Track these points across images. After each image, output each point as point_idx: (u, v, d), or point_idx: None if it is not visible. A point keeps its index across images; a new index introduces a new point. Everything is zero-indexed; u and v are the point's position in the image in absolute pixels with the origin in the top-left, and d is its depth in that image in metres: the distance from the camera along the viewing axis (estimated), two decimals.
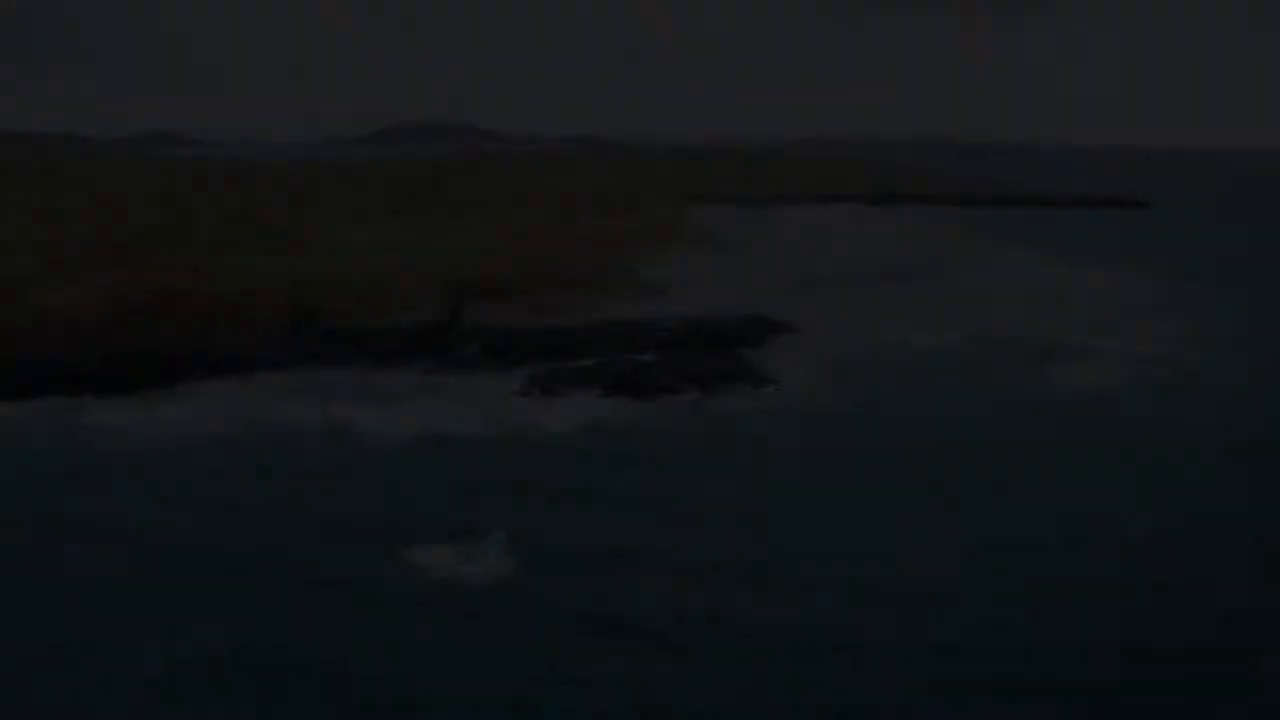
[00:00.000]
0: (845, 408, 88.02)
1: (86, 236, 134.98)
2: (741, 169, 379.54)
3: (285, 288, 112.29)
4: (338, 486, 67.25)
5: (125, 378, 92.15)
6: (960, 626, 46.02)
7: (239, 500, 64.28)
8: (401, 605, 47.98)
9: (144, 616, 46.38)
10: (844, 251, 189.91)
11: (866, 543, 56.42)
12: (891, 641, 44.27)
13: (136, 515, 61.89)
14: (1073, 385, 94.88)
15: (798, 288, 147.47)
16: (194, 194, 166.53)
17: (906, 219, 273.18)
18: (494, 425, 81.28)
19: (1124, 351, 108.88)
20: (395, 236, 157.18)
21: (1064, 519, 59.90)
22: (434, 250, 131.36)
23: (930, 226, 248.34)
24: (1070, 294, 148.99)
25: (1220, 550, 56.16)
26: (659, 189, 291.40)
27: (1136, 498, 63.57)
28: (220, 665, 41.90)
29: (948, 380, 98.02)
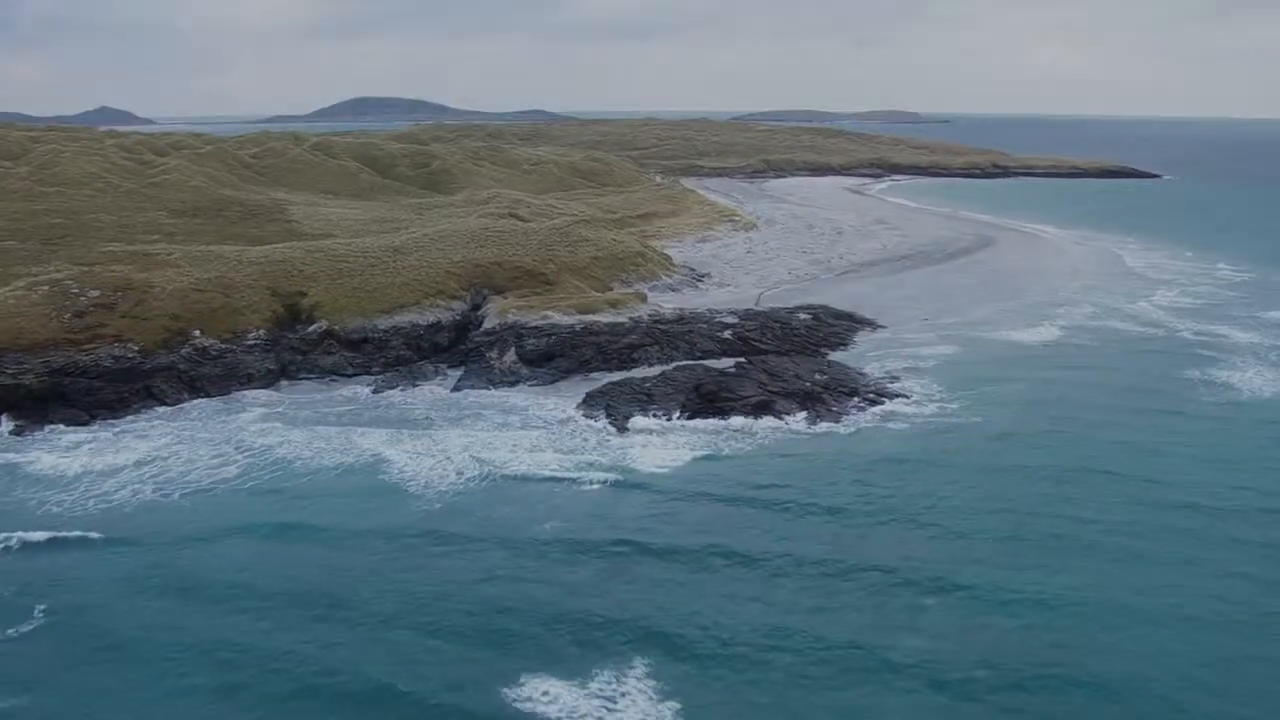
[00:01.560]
0: (1004, 425, 71.71)
1: (16, 220, 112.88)
2: (719, 141, 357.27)
3: (265, 282, 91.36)
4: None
5: (73, 402, 72.45)
6: None
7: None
8: None
9: None
10: (871, 227, 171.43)
11: None
12: None
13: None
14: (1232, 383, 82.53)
15: (843, 270, 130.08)
16: (143, 168, 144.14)
17: (912, 190, 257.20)
18: (576, 478, 62.78)
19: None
20: (381, 215, 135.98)
21: None
22: (433, 232, 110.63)
23: (941, 198, 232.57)
24: (1152, 273, 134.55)
25: None
26: (640, 162, 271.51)
27: None
28: None
29: (1091, 379, 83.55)
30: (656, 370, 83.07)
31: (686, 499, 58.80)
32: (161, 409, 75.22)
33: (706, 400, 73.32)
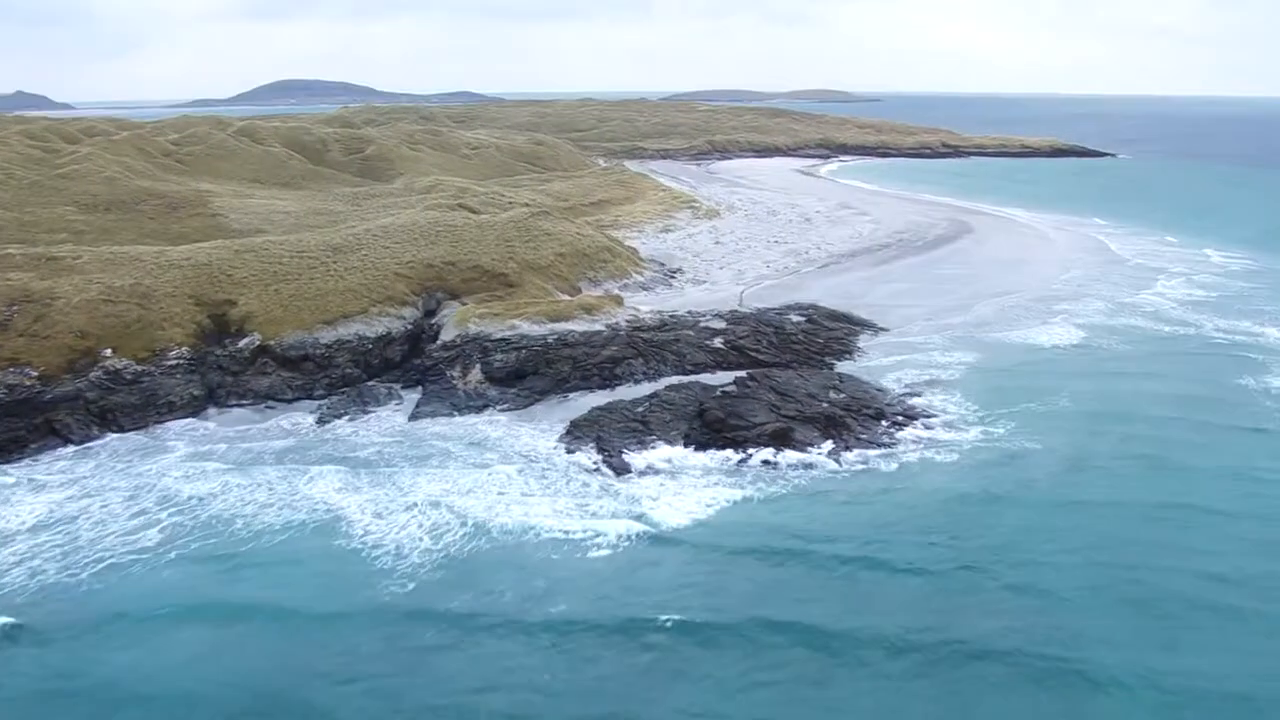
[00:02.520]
0: (1068, 450, 62.60)
1: None
2: (661, 122, 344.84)
3: (188, 289, 79.40)
4: None
5: None
6: None
7: None
8: None
9: None
10: (838, 212, 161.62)
11: None
12: None
13: None
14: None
15: (824, 262, 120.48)
16: (50, 157, 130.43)
17: (864, 171, 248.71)
18: (581, 538, 52.13)
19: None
20: (316, 207, 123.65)
21: None
22: (376, 227, 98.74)
23: (898, 180, 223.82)
24: (1144, 261, 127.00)
25: None
26: (581, 145, 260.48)
27: None
28: None
29: (1141, 390, 75.01)
30: (645, 388, 72.41)
31: (723, 561, 48.58)
32: (66, 449, 63.37)
33: (713, 429, 62.64)
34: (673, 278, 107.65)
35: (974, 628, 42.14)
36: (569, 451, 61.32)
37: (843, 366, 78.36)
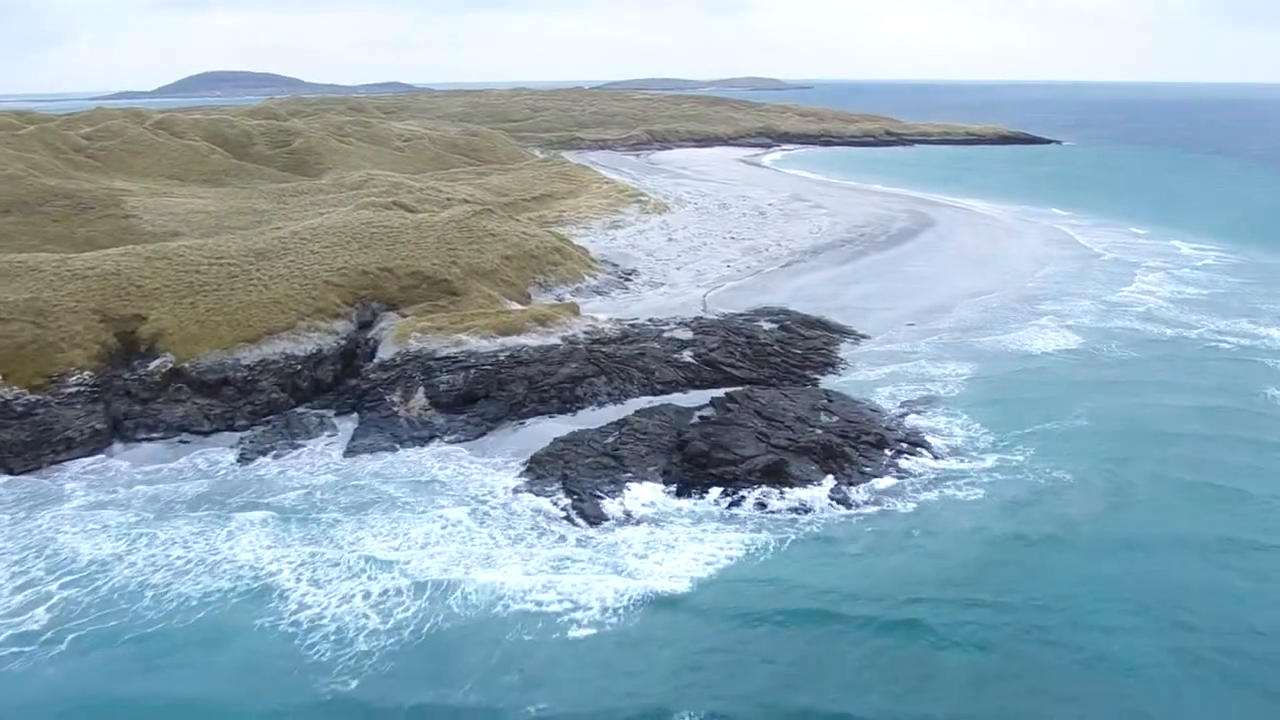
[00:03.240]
0: (1104, 481, 55.56)
1: None
2: (598, 111, 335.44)
3: (92, 304, 70.34)
4: None
5: None
6: None
7: None
8: None
9: None
10: (792, 205, 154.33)
11: None
12: None
13: None
14: None
15: (786, 260, 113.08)
16: None
17: (809, 160, 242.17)
18: (559, 609, 44.07)
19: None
20: (239, 205, 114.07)
21: None
22: (304, 229, 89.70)
23: (847, 170, 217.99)
24: (1118, 255, 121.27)
25: None
26: (517, 135, 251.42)
27: None
28: None
29: (1162, 404, 68.29)
30: (611, 412, 64.40)
31: (735, 635, 40.98)
32: None
33: (697, 465, 54.62)
34: (628, 280, 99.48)
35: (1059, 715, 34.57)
36: (533, 494, 53.03)
37: (828, 382, 70.72)
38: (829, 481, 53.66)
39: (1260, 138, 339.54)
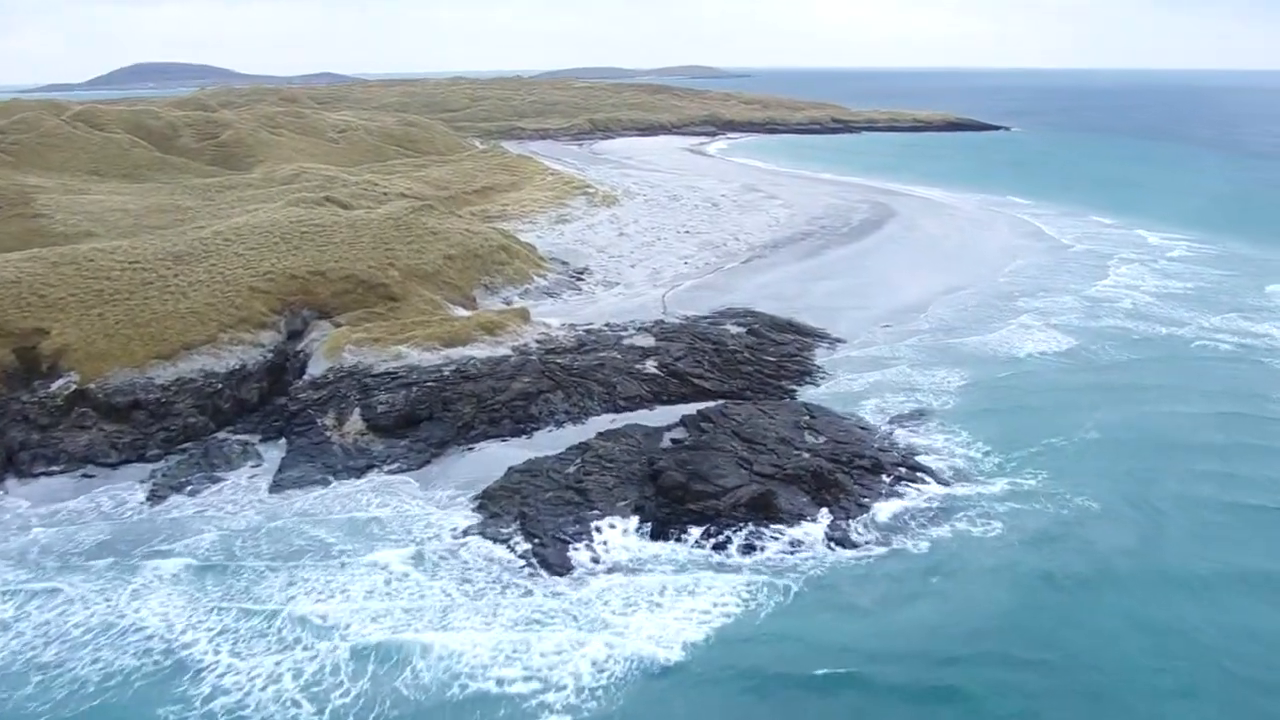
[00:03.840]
0: (1140, 511, 49.31)
1: None
2: (538, 100, 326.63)
3: None
4: None
5: None
6: None
7: None
8: None
9: None
10: (745, 196, 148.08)
11: None
12: None
13: None
14: None
15: (747, 256, 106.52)
16: None
17: (757, 149, 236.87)
18: (526, 688, 37.42)
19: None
20: (160, 203, 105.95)
21: None
22: (229, 229, 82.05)
23: (797, 158, 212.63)
24: (1089, 246, 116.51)
25: None
26: (455, 125, 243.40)
27: None
28: None
29: (1180, 413, 62.14)
30: (571, 434, 57.62)
31: (740, 712, 33.44)
32: None
33: (673, 498, 47.91)
34: (580, 280, 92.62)
35: None
36: (487, 537, 46.14)
37: (807, 394, 64.39)
38: (824, 516, 47.21)
39: (1203, 123, 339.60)
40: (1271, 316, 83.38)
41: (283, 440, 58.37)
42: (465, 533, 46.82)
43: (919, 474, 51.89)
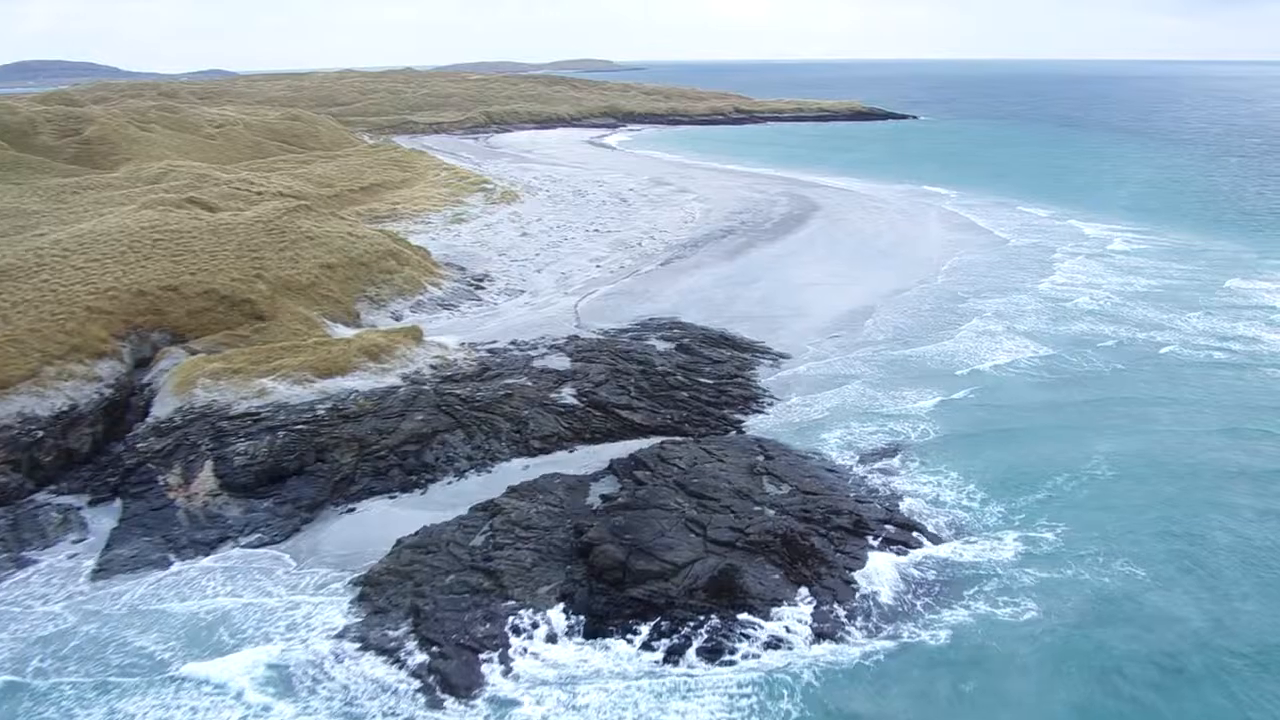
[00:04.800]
0: (1163, 566, 39.27)
1: None
2: (430, 93, 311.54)
3: None
4: None
5: None
6: None
7: None
8: None
9: None
10: (655, 190, 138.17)
11: None
12: None
13: None
14: None
15: (665, 257, 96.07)
16: None
17: (660, 140, 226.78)
18: None
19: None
20: (2, 206, 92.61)
21: None
22: (71, 237, 69.71)
23: (703, 150, 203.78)
24: (1029, 239, 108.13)
25: None
26: (344, 120, 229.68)
27: None
28: None
29: (1200, 444, 51.65)
30: (474, 487, 46.66)
31: None
32: None
33: (610, 580, 36.96)
34: (480, 288, 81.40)
35: None
36: (371, 646, 34.90)
37: (756, 425, 53.97)
38: (804, 600, 36.76)
39: (1117, 110, 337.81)
40: (1248, 316, 75.62)
41: (117, 501, 46.42)
42: (343, 634, 35.48)
43: (912, 532, 41.59)
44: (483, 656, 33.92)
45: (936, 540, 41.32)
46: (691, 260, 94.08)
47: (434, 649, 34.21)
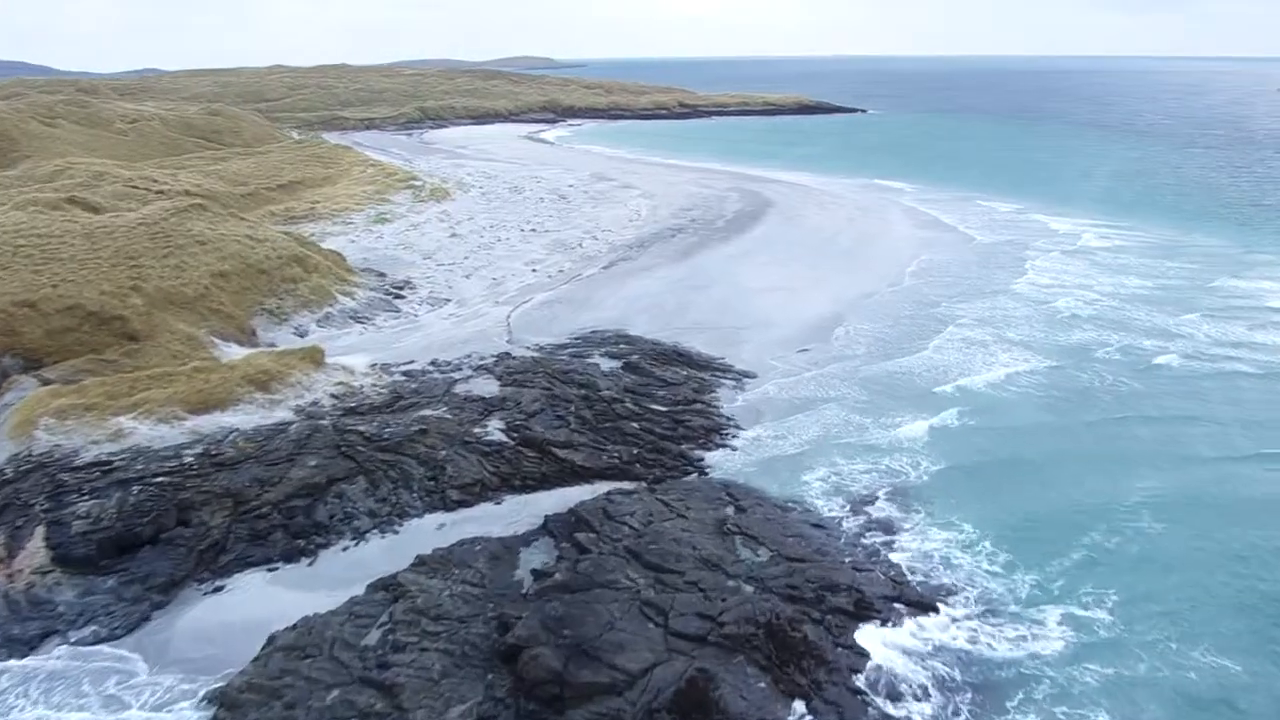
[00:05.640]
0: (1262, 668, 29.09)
1: None
2: (363, 88, 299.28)
3: None
4: None
5: None
6: None
7: None
8: None
9: None
10: (597, 186, 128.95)
11: None
12: None
13: None
14: None
15: (609, 260, 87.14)
16: None
17: (601, 135, 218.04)
18: None
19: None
20: None
21: None
22: None
23: (646, 145, 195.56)
24: (998, 236, 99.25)
25: None
26: (271, 116, 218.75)
27: None
28: None
29: (1223, 471, 43.42)
30: (374, 553, 37.50)
31: None
32: None
33: (542, 699, 27.90)
34: (399, 297, 71.80)
35: None
36: None
37: (722, 463, 44.90)
38: (802, 715, 27.31)
39: (1074, 103, 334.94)
40: (1255, 319, 68.49)
41: None
42: None
43: (929, 613, 32.63)
44: None
45: (954, 619, 32.31)
46: (638, 262, 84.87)
47: None
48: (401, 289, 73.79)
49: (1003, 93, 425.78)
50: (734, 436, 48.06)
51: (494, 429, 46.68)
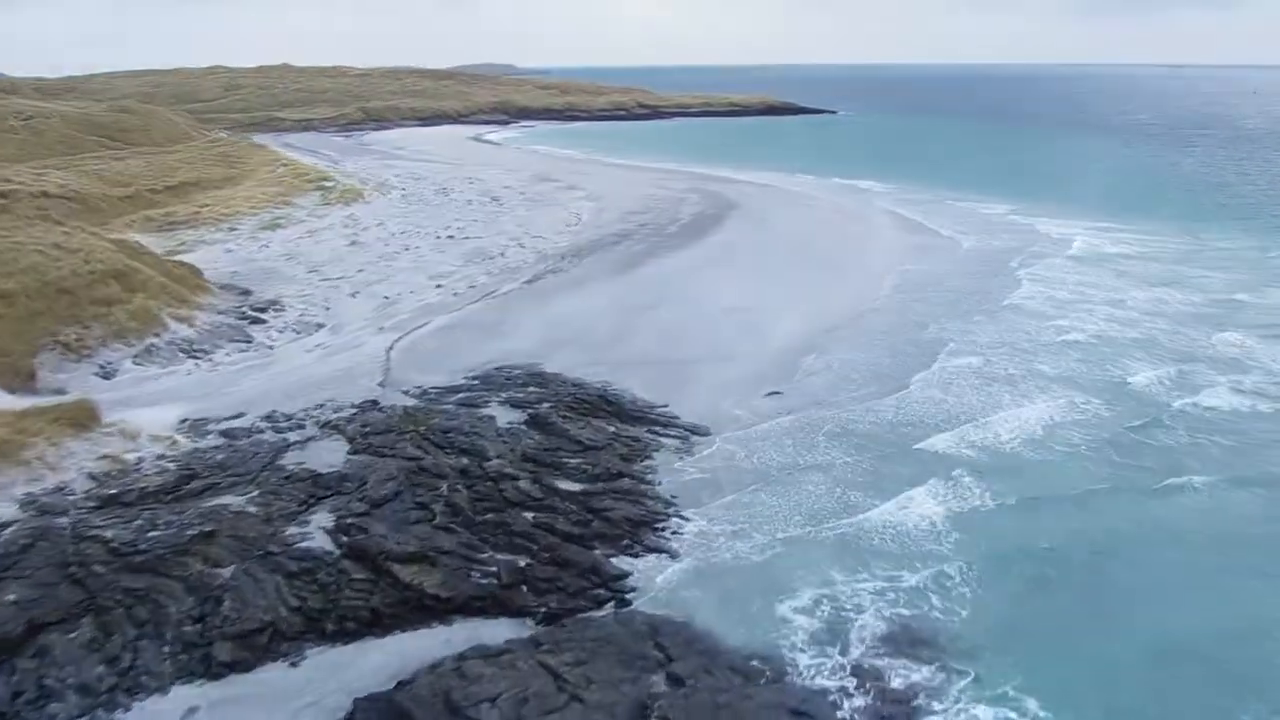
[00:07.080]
0: None
1: None
2: (304, 89, 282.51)
3: None
4: None
5: None
6: None
7: None
8: None
9: None
10: (538, 187, 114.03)
11: None
12: None
13: None
14: None
15: (535, 272, 72.92)
16: None
17: (555, 136, 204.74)
18: None
19: None
20: None
21: None
22: None
23: (603, 146, 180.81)
24: (995, 244, 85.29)
25: None
26: (203, 118, 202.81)
27: None
28: None
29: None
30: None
31: None
32: None
33: None
34: (258, 321, 56.39)
35: None
36: None
37: (651, 580, 30.12)
38: None
39: (1051, 105, 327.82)
40: None
41: None
42: None
43: None
44: None
45: None
46: (570, 275, 69.91)
47: None
48: (264, 310, 58.31)
49: (973, 96, 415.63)
50: (674, 532, 32.83)
51: (316, 529, 31.23)
